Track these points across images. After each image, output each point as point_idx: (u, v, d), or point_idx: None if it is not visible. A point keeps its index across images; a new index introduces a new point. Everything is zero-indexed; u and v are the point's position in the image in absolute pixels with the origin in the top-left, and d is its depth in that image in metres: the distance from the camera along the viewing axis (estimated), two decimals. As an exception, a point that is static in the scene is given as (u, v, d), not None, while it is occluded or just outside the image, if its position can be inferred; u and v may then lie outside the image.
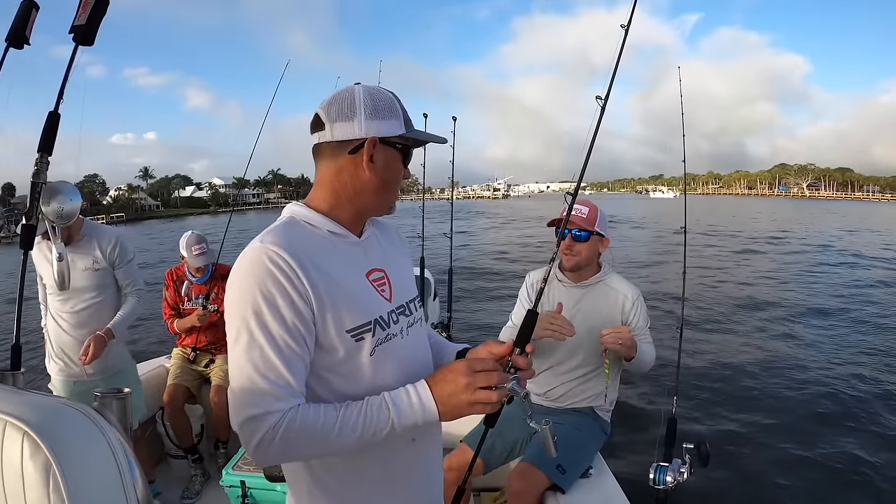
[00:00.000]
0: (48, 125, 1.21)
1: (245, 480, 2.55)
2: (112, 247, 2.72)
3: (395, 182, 1.14)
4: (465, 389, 1.01)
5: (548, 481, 2.10)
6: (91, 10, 1.20)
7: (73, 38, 1.24)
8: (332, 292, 1.03)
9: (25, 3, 1.22)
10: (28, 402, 0.69)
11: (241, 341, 0.98)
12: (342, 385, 1.07)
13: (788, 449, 4.93)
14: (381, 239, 1.22)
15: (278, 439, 0.95)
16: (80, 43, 1.26)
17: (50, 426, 0.65)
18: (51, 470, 0.63)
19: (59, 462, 0.63)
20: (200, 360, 3.53)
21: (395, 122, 1.10)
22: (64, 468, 0.63)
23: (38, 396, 0.77)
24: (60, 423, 0.67)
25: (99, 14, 1.22)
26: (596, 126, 1.69)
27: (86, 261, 2.66)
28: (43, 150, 1.18)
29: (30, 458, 0.63)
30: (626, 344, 2.06)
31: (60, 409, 0.70)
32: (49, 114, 1.22)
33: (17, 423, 0.64)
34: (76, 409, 0.72)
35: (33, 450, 0.63)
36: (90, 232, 2.68)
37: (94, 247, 2.68)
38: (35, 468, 0.63)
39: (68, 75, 1.21)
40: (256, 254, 0.99)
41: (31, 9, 1.22)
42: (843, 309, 10.62)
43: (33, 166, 1.16)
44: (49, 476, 0.63)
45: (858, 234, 27.79)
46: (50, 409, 0.69)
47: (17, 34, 1.21)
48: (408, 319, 1.18)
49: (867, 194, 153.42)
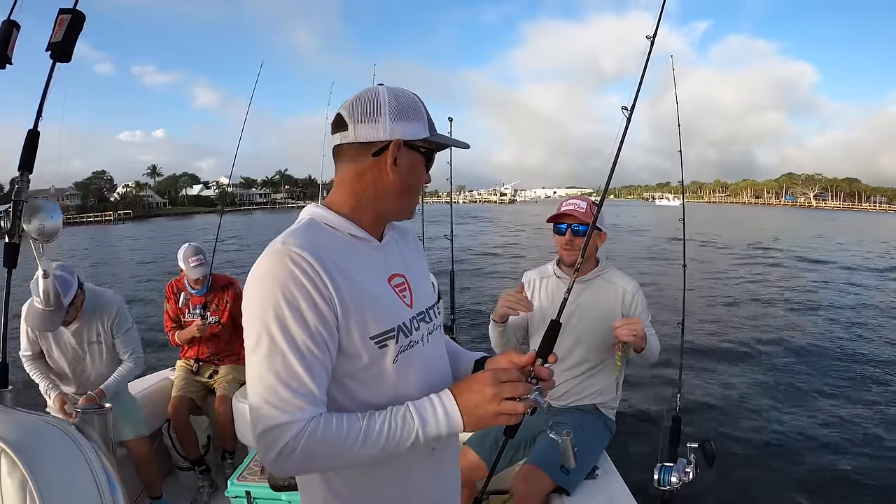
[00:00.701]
0: (28, 143, 1.22)
1: (250, 490, 2.54)
2: (112, 319, 2.85)
3: (417, 186, 1.11)
4: (491, 400, 0.98)
5: (553, 483, 2.07)
6: (67, 27, 1.21)
7: (51, 55, 1.25)
8: (356, 297, 1.00)
9: (6, 23, 1.23)
10: (8, 421, 0.70)
11: (261, 347, 0.94)
12: (364, 393, 1.04)
13: (795, 447, 4.91)
14: (400, 243, 1.20)
15: (299, 451, 0.92)
16: (56, 60, 1.26)
17: (27, 444, 0.66)
18: (27, 487, 0.63)
19: (35, 479, 0.63)
20: (204, 372, 3.53)
21: (420, 124, 1.07)
22: (40, 485, 0.63)
23: (21, 414, 0.77)
24: (38, 441, 0.68)
25: (75, 31, 1.23)
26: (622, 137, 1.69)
27: (91, 333, 2.81)
28: (24, 168, 1.19)
29: (7, 475, 0.63)
30: (640, 335, 2.05)
31: (40, 427, 0.71)
32: (28, 132, 1.23)
33: None
34: (56, 426, 0.72)
35: (10, 467, 0.63)
36: (92, 305, 2.80)
37: (97, 319, 2.82)
38: (12, 485, 0.63)
39: (46, 92, 1.22)
40: (279, 255, 0.96)
41: (12, 28, 1.23)
42: (847, 308, 10.60)
43: (14, 185, 1.17)
44: (26, 493, 0.63)
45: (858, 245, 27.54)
46: (29, 427, 0.70)
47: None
48: (428, 326, 1.15)
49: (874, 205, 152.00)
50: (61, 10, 1.22)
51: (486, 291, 12.77)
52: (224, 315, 3.51)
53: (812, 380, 6.64)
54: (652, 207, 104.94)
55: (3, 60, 1.22)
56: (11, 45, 1.22)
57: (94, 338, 2.81)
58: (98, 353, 2.83)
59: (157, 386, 3.48)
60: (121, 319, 2.86)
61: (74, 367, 2.83)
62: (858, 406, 5.79)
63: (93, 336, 2.81)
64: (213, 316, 3.52)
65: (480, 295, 12.37)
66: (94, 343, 2.81)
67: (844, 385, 6.43)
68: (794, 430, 5.26)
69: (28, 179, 1.19)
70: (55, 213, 1.24)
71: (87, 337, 2.80)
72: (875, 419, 5.50)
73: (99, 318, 2.81)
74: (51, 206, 1.23)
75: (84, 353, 2.82)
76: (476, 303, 11.48)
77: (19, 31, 1.24)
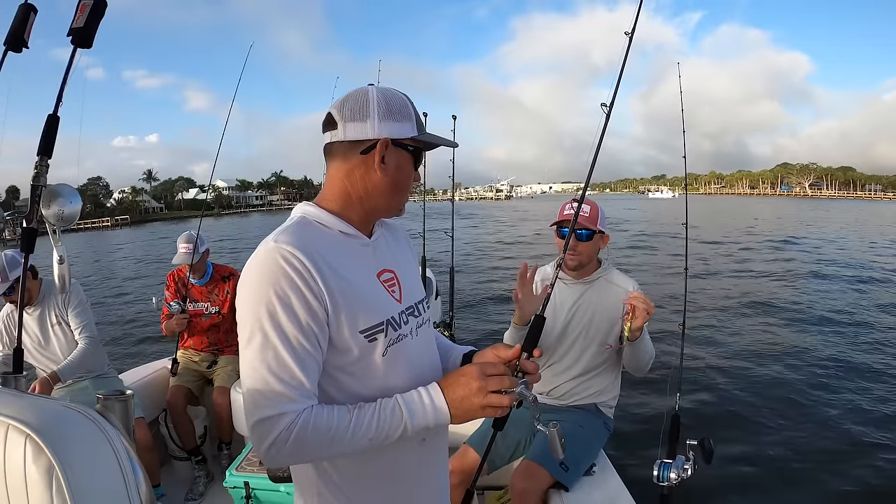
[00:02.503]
0: (47, 128, 1.21)
1: (249, 481, 2.55)
2: (66, 296, 2.92)
3: (405, 184, 1.13)
4: (477, 393, 1.01)
5: (551, 479, 2.09)
6: (89, 12, 1.20)
7: (72, 40, 1.25)
8: (345, 292, 1.03)
9: (24, 6, 1.22)
10: (30, 406, 0.69)
11: (254, 342, 0.97)
12: (354, 385, 1.07)
13: (792, 444, 4.94)
14: (389, 240, 1.22)
15: (291, 441, 0.95)
16: (78, 45, 1.26)
17: (52, 429, 0.66)
18: (53, 472, 0.63)
19: (61, 464, 0.63)
20: (203, 362, 3.53)
21: (408, 124, 1.10)
22: (67, 470, 0.63)
23: (41, 399, 0.77)
24: (63, 426, 0.67)
25: (97, 16, 1.23)
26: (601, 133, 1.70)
27: (51, 315, 2.92)
28: (43, 153, 1.19)
29: (33, 461, 0.63)
30: (650, 312, 2.05)
31: (63, 413, 0.70)
32: (48, 116, 1.23)
33: (19, 426, 0.64)
34: (79, 411, 0.72)
35: (36, 453, 0.63)
36: (47, 289, 2.93)
37: (53, 301, 2.92)
38: (38, 471, 0.63)
39: (67, 78, 1.21)
40: (271, 253, 0.99)
41: (30, 12, 1.23)
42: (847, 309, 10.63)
43: (33, 169, 1.17)
44: (52, 479, 0.63)
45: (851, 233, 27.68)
46: (52, 412, 0.69)
47: (16, 38, 1.21)
48: (417, 320, 1.18)
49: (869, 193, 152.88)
50: (84, -5, 1.21)
51: (487, 290, 12.78)
52: (225, 306, 3.51)
53: (815, 377, 6.68)
54: (644, 201, 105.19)
55: (20, 44, 1.22)
56: (28, 29, 1.22)
57: (55, 319, 2.91)
58: (62, 334, 2.93)
59: (156, 375, 3.47)
60: (72, 295, 2.92)
61: (43, 352, 2.93)
62: (857, 405, 5.82)
63: (53, 318, 2.91)
64: (214, 306, 3.51)
65: (480, 293, 12.38)
66: (55, 325, 2.91)
67: (844, 383, 6.46)
68: (793, 428, 5.29)
69: (47, 164, 1.19)
70: (74, 198, 1.24)
71: (48, 320, 2.91)
72: (874, 418, 5.55)
73: (55, 299, 2.91)
74: (70, 190, 1.24)
75: (48, 336, 2.92)
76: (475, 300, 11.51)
77: (36, 15, 1.24)
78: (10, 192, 75.99)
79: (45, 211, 1.21)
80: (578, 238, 2.30)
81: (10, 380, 1.30)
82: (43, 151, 1.19)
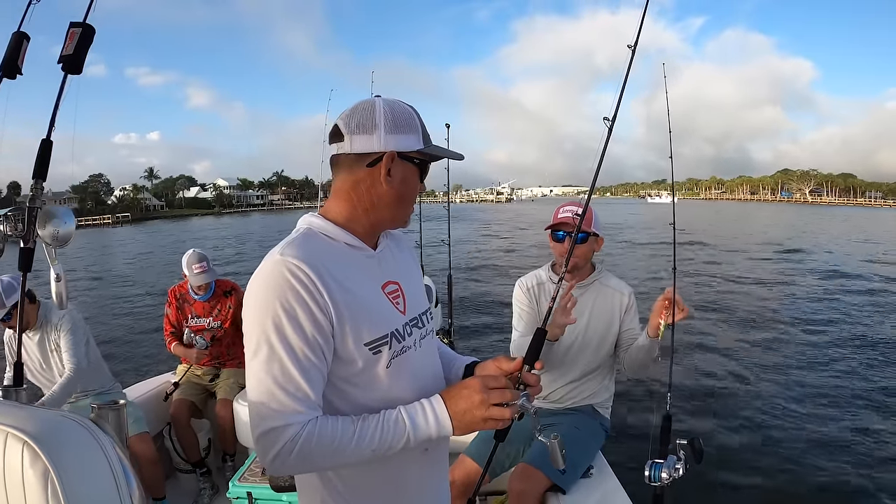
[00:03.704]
0: (41, 153, 1.26)
1: (251, 491, 2.58)
2: (59, 322, 2.91)
3: (411, 196, 1.14)
4: (479, 406, 1.02)
5: (548, 482, 2.10)
6: (78, 39, 1.26)
7: (62, 67, 1.30)
8: (351, 305, 1.04)
9: (17, 35, 1.27)
10: (29, 416, 0.73)
11: (260, 354, 0.99)
12: (358, 396, 1.08)
13: (780, 443, 5.00)
14: (394, 251, 1.23)
15: (296, 451, 0.97)
16: (68, 72, 1.31)
17: (48, 436, 0.70)
18: (49, 477, 0.67)
19: (56, 469, 0.67)
20: (206, 375, 3.57)
21: (414, 136, 1.10)
22: (61, 475, 0.67)
23: (39, 410, 0.81)
24: (58, 433, 0.72)
25: (85, 44, 1.28)
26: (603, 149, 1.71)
27: (50, 341, 2.92)
28: (38, 177, 1.23)
29: (29, 465, 0.67)
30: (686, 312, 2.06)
31: (58, 421, 0.75)
32: (42, 141, 1.27)
33: (17, 434, 0.68)
34: (74, 420, 0.76)
35: (32, 458, 0.67)
36: (46, 314, 2.93)
37: (51, 326, 2.91)
38: (34, 475, 0.67)
39: (59, 104, 1.26)
40: (277, 266, 1.00)
41: (23, 40, 1.28)
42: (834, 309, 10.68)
43: (29, 191, 1.22)
44: (48, 482, 0.67)
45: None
46: (48, 421, 0.74)
47: (10, 65, 1.26)
48: (420, 331, 1.19)
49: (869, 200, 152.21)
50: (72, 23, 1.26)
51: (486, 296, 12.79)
52: (227, 321, 3.54)
53: (803, 376, 6.72)
54: (643, 205, 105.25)
55: (14, 71, 1.27)
56: (22, 56, 1.27)
57: (53, 346, 2.92)
58: (61, 361, 2.92)
59: (160, 389, 3.50)
60: (65, 323, 2.92)
61: (45, 374, 2.96)
62: (847, 402, 5.87)
63: (52, 344, 2.92)
64: (216, 321, 3.55)
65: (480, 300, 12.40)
66: (54, 351, 2.92)
67: (834, 383, 6.50)
68: (781, 426, 5.35)
69: (42, 187, 1.23)
70: (69, 218, 1.29)
71: (47, 345, 2.92)
72: (866, 415, 5.57)
73: (52, 325, 2.91)
74: (64, 211, 1.28)
75: (49, 360, 2.94)
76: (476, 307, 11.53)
77: (29, 42, 1.29)
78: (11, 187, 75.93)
79: (41, 231, 1.25)
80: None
81: (11, 392, 1.35)
82: (38, 175, 1.23)
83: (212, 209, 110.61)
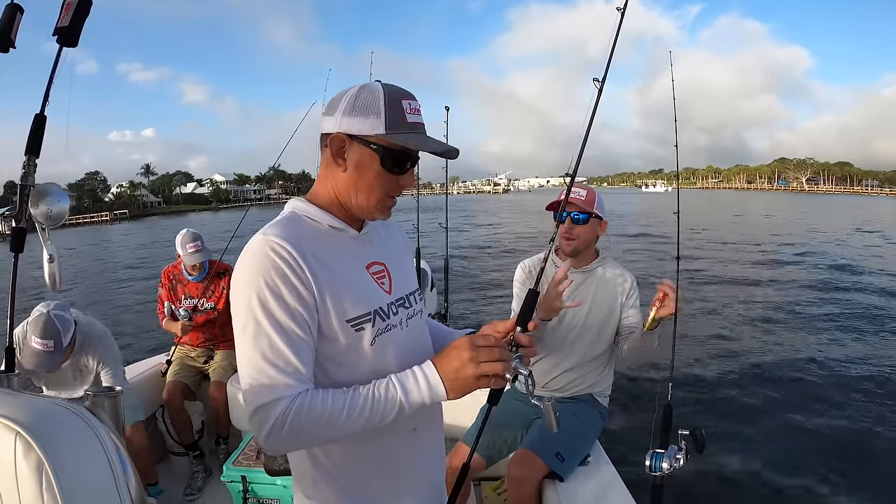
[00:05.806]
0: (34, 128, 1.22)
1: (245, 475, 2.57)
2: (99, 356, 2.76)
3: (369, 184, 1.09)
4: (469, 363, 1.01)
5: (546, 468, 2.10)
6: (74, 11, 1.21)
7: (57, 39, 1.25)
8: (333, 283, 1.04)
9: (10, 6, 1.22)
10: (21, 404, 0.70)
11: (248, 331, 0.99)
12: (344, 375, 1.08)
13: (782, 433, 5.02)
14: (382, 233, 1.24)
15: (287, 425, 0.96)
16: (63, 44, 1.26)
17: (42, 426, 0.66)
18: (43, 469, 0.64)
19: (50, 461, 0.64)
20: (199, 357, 3.54)
21: (374, 120, 1.05)
22: (56, 467, 0.64)
23: (32, 398, 0.78)
24: (52, 423, 0.68)
25: (82, 15, 1.23)
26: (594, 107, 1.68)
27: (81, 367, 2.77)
28: (30, 153, 1.19)
29: (23, 457, 0.64)
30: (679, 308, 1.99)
31: (52, 410, 0.71)
32: (35, 116, 1.23)
33: (9, 424, 0.65)
34: (68, 408, 0.73)
35: (26, 449, 0.64)
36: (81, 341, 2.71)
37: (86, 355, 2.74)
38: (28, 467, 0.64)
39: (53, 77, 1.21)
40: (260, 245, 1.01)
41: (16, 12, 1.23)
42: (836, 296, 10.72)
43: (21, 168, 1.17)
44: (42, 475, 0.64)
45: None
46: (42, 410, 0.70)
47: (3, 37, 1.21)
48: (407, 311, 1.19)
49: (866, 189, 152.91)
50: (68, -7, 1.22)
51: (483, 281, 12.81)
52: (220, 301, 3.51)
53: (805, 366, 6.75)
54: (639, 195, 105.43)
55: (7, 44, 1.22)
56: (15, 28, 1.22)
57: (85, 369, 2.80)
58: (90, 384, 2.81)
59: (152, 371, 3.48)
60: (107, 357, 2.80)
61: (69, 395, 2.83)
62: (846, 393, 5.90)
63: (83, 368, 2.79)
64: (210, 302, 3.52)
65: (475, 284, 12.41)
66: (86, 374, 2.80)
67: (837, 373, 6.54)
68: (782, 417, 5.36)
69: (35, 164, 1.19)
70: (62, 197, 1.25)
71: (79, 368, 2.79)
72: (871, 401, 5.61)
73: (89, 353, 2.77)
74: (57, 190, 1.24)
75: (77, 383, 2.82)
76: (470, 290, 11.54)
77: (23, 15, 1.24)
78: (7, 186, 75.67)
79: (34, 210, 1.22)
80: (575, 221, 2.27)
81: (3, 378, 1.31)
82: (30, 151, 1.19)
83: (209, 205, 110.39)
